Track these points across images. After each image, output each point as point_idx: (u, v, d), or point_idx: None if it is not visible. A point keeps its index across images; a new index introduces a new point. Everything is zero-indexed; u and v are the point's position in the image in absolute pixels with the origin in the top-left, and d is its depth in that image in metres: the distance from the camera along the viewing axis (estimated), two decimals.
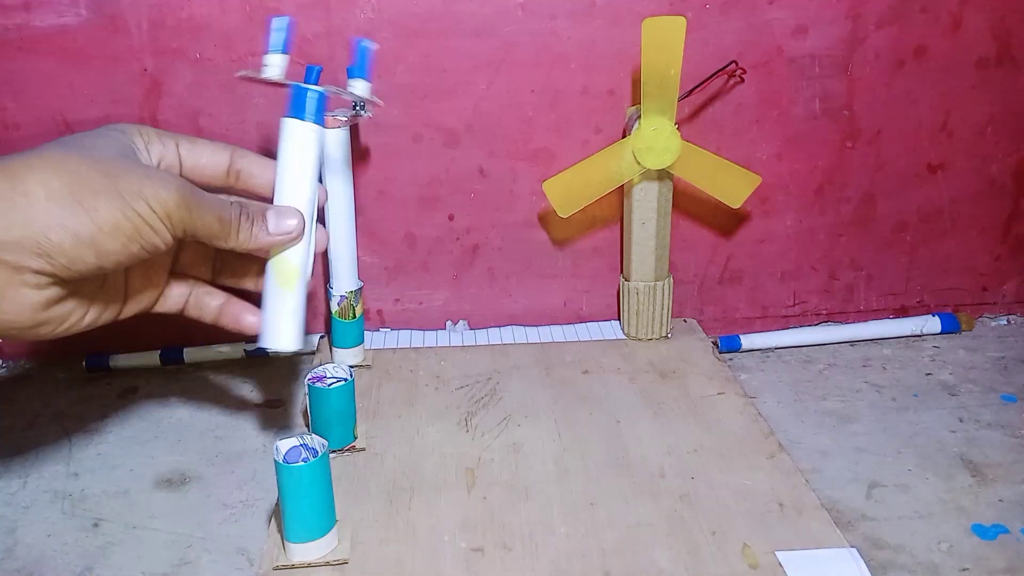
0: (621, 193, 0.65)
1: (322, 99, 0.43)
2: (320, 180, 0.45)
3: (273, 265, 0.44)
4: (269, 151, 0.63)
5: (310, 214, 0.44)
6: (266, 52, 0.43)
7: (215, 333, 0.66)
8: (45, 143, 0.38)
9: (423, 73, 0.63)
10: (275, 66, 0.43)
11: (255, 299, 0.46)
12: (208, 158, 0.43)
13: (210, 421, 0.58)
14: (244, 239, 0.42)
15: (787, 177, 0.68)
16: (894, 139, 0.67)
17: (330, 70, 0.61)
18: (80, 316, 0.40)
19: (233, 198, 0.44)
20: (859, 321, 0.72)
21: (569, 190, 0.61)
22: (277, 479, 0.40)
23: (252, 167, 0.45)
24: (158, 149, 0.42)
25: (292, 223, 0.43)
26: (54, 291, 0.37)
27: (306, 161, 0.43)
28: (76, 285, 0.39)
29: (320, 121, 0.43)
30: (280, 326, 0.44)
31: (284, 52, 0.43)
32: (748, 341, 0.67)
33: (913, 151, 0.68)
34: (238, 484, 0.52)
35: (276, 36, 0.43)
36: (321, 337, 0.67)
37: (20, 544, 0.46)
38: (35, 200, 0.35)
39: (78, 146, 0.38)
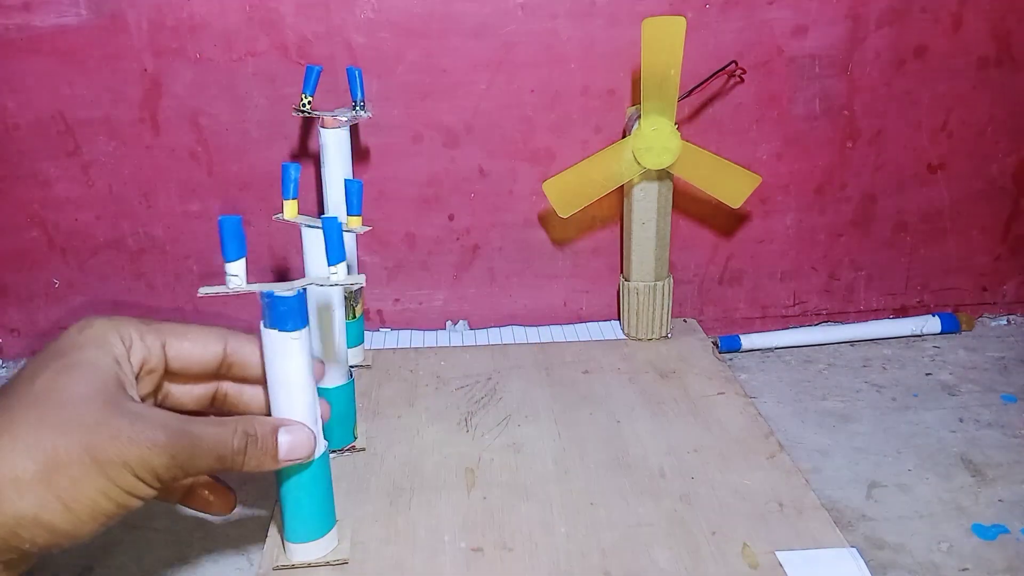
0: (621, 193, 0.65)
1: (300, 301, 0.36)
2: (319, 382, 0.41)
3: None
4: (271, 153, 0.64)
5: (313, 421, 0.39)
6: (227, 259, 0.36)
7: None
8: (16, 389, 0.34)
9: (423, 73, 0.63)
10: (237, 275, 0.36)
11: None
12: (199, 354, 0.39)
13: None
14: (252, 468, 0.37)
15: (787, 177, 0.68)
16: (894, 139, 0.67)
17: (330, 70, 0.61)
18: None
19: (225, 385, 0.41)
20: (859, 321, 0.72)
21: (569, 190, 0.61)
22: (277, 479, 0.40)
23: (248, 357, 0.40)
24: (140, 352, 0.37)
25: (304, 446, 0.38)
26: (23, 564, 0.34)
27: (298, 369, 0.38)
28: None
29: (302, 323, 0.37)
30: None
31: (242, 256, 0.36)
32: (748, 341, 0.67)
33: (913, 151, 0.68)
34: (238, 484, 0.51)
35: (231, 242, 0.36)
36: None
37: None
38: (4, 494, 0.31)
39: (54, 405, 0.33)
